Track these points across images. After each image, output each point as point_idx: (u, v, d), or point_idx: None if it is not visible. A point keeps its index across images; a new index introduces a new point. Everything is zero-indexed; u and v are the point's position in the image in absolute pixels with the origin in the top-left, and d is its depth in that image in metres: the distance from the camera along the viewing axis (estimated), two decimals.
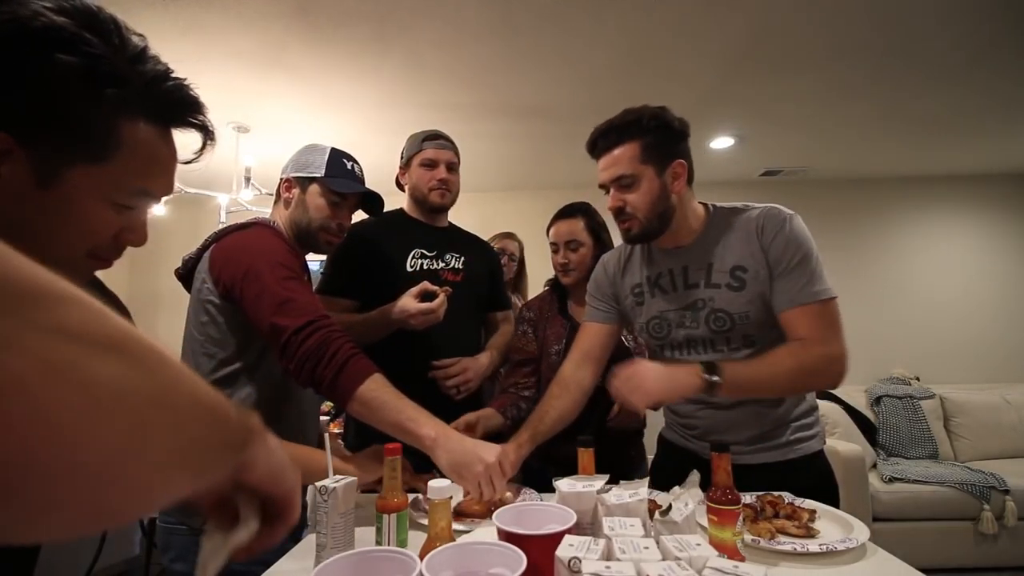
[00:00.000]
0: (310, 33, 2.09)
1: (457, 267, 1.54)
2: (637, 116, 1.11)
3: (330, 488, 0.84)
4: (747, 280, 1.10)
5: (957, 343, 4.00)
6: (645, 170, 1.11)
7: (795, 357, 1.04)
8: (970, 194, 4.13)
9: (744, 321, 1.11)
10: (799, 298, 1.06)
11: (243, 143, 3.03)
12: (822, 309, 1.05)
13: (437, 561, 0.68)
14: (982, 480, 2.81)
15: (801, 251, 1.07)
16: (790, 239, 1.07)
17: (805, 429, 1.17)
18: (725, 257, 1.12)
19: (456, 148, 1.57)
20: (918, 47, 2.26)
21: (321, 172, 1.21)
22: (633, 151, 1.10)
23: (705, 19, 2.04)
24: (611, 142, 1.13)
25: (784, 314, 1.07)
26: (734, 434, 1.16)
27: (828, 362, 1.05)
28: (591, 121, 1.18)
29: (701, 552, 0.66)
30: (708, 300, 1.13)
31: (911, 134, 3.29)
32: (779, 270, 1.07)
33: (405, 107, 2.78)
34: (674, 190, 1.12)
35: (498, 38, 2.15)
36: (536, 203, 4.36)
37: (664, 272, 1.20)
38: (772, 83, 2.57)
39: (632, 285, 1.27)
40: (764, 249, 1.09)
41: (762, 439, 1.16)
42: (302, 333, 0.98)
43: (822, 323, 1.05)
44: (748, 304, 1.10)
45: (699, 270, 1.15)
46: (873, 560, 0.85)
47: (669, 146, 1.12)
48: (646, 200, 1.11)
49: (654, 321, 1.22)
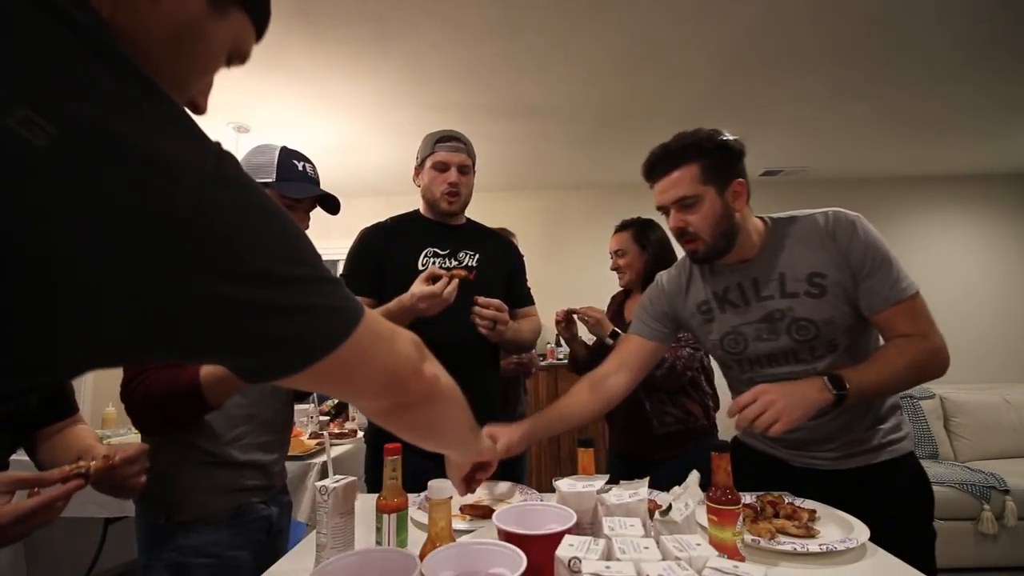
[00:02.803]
0: (310, 33, 2.09)
1: (471, 265, 1.53)
2: (695, 139, 1.12)
3: (330, 488, 0.84)
4: (827, 286, 1.08)
5: (957, 343, 3.95)
6: (707, 191, 1.11)
7: (906, 355, 1.04)
8: (970, 194, 4.14)
9: (829, 327, 1.09)
10: (892, 296, 1.05)
11: (243, 143, 3.03)
12: (914, 304, 1.06)
13: (437, 561, 0.68)
14: (982, 480, 2.81)
15: (881, 250, 1.07)
16: (868, 240, 1.07)
17: (894, 432, 1.16)
18: (797, 266, 1.11)
19: (470, 149, 1.54)
20: (918, 47, 2.26)
21: (272, 177, 1.16)
22: (693, 173, 1.11)
23: (705, 19, 2.04)
24: (669, 165, 1.13)
25: (880, 315, 1.07)
26: (829, 443, 1.14)
27: (934, 354, 1.06)
28: (591, 121, 1.19)
29: (701, 552, 0.66)
30: (787, 310, 1.11)
31: (911, 134, 3.29)
32: (865, 271, 1.06)
33: (405, 107, 2.78)
34: (736, 208, 1.13)
35: (498, 38, 2.15)
36: (536, 203, 4.37)
37: (732, 286, 1.18)
38: (772, 83, 2.57)
39: (698, 303, 1.25)
40: (842, 254, 1.07)
41: (854, 444, 1.14)
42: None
43: (919, 318, 1.06)
44: (832, 309, 1.08)
45: (770, 281, 1.14)
46: (873, 560, 0.85)
47: (728, 166, 1.13)
48: (708, 220, 1.11)
49: (729, 337, 1.19)
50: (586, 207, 4.31)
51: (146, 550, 1.10)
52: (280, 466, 1.27)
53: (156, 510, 1.09)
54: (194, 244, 0.32)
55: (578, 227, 4.28)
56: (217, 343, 0.37)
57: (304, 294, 0.40)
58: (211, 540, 1.09)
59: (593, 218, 4.15)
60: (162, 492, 1.08)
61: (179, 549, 1.07)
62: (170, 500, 1.08)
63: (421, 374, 0.55)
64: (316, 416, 2.68)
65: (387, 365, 0.50)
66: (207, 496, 1.10)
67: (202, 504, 1.10)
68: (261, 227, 0.37)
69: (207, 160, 0.34)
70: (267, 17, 0.50)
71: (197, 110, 0.49)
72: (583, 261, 4.13)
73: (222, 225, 0.34)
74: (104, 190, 0.29)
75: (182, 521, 1.08)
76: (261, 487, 1.19)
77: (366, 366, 0.48)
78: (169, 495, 1.09)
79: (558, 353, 3.81)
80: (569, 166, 3.81)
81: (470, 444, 0.83)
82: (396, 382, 0.52)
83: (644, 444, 1.71)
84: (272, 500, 1.23)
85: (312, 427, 2.57)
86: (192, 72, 0.46)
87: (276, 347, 0.40)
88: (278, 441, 1.26)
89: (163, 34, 0.41)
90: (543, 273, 2.92)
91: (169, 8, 0.40)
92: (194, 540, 1.08)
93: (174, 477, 1.09)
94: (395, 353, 0.51)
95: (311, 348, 0.41)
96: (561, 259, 4.21)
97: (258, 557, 1.14)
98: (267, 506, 1.20)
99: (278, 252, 0.38)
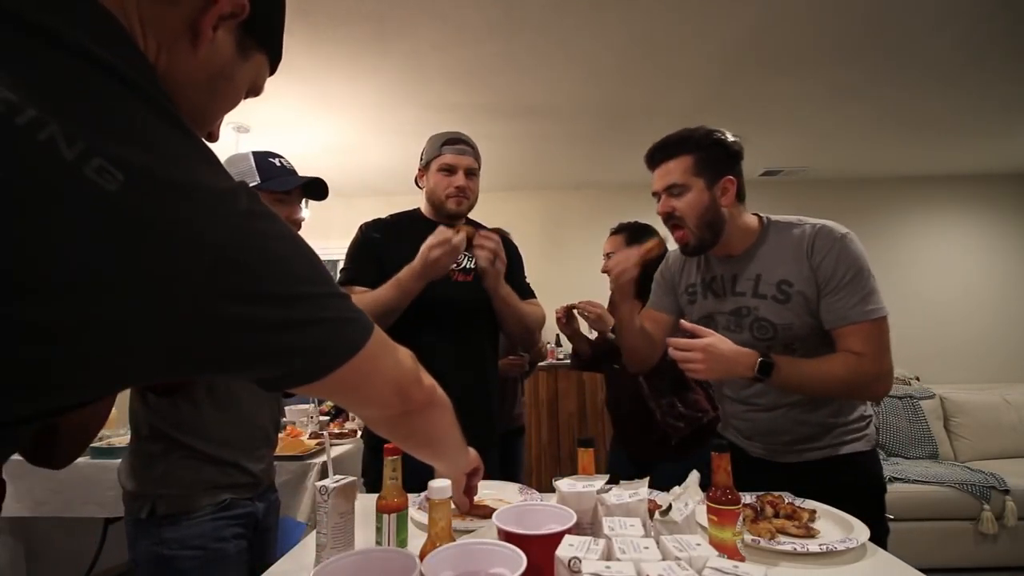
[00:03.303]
0: (310, 33, 2.09)
1: (468, 267, 1.53)
2: (692, 133, 1.21)
3: (330, 488, 0.84)
4: (792, 294, 1.15)
5: (957, 343, 4.00)
6: (695, 181, 1.19)
7: (848, 370, 1.09)
8: (970, 194, 4.14)
9: (787, 331, 1.16)
10: (852, 316, 1.10)
11: (243, 143, 3.03)
12: (875, 328, 1.10)
13: (437, 561, 0.68)
14: (982, 480, 2.81)
15: (852, 269, 1.10)
16: (841, 258, 1.11)
17: (852, 433, 1.21)
18: (773, 270, 1.18)
19: (477, 151, 1.54)
20: (917, 48, 2.26)
21: (256, 179, 1.20)
22: (686, 164, 1.20)
23: (705, 19, 2.04)
24: (667, 154, 1.22)
25: (838, 330, 1.12)
26: (774, 437, 1.23)
27: (876, 379, 1.11)
28: (591, 121, 1.20)
29: (701, 552, 0.66)
30: (753, 308, 1.20)
31: (911, 134, 3.29)
32: (830, 287, 1.12)
33: (405, 107, 2.78)
34: (723, 203, 1.20)
35: (498, 38, 2.15)
36: (536, 203, 4.37)
37: (717, 276, 1.28)
38: (772, 83, 2.58)
39: (687, 284, 1.36)
40: (813, 268, 1.13)
41: (804, 441, 1.20)
42: None
43: (875, 341, 1.10)
44: (793, 316, 1.15)
45: (748, 280, 1.22)
46: (873, 560, 0.85)
47: (721, 162, 1.20)
48: (694, 209, 1.19)
49: (703, 320, 1.28)
50: (586, 207, 4.31)
51: (132, 545, 1.12)
52: (267, 464, 1.27)
53: (139, 505, 1.11)
54: (230, 272, 0.37)
55: (578, 227, 4.28)
56: (252, 357, 0.42)
57: (327, 309, 0.46)
58: (195, 533, 1.10)
59: (593, 218, 4.15)
60: (145, 486, 1.10)
61: (164, 542, 1.09)
62: (153, 494, 1.10)
63: (422, 383, 0.62)
64: (316, 416, 2.68)
65: (394, 374, 0.56)
66: (190, 491, 1.11)
67: (185, 499, 1.11)
68: (289, 252, 0.43)
69: (240, 198, 0.39)
70: (280, 55, 0.57)
71: (212, 139, 0.55)
72: (583, 261, 4.13)
73: (254, 254, 0.39)
74: (161, 227, 0.34)
75: (165, 515, 1.10)
76: (246, 484, 1.19)
77: (377, 375, 0.53)
78: (152, 489, 1.10)
79: (558, 353, 3.81)
80: (569, 166, 3.81)
81: (461, 454, 0.85)
82: (402, 390, 0.58)
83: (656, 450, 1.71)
84: (259, 497, 1.23)
85: (312, 427, 2.57)
86: (219, 109, 0.53)
87: (302, 357, 0.45)
88: (265, 440, 1.27)
89: (200, 79, 0.48)
90: (543, 273, 2.91)
91: (206, 56, 0.47)
92: (177, 533, 1.09)
93: (157, 472, 1.10)
94: (399, 363, 0.58)
95: (334, 356, 0.47)
96: (561, 259, 4.21)
97: (243, 552, 1.15)
98: (252, 503, 1.21)
99: (304, 274, 0.44)
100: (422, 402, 0.62)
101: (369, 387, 0.54)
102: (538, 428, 3.59)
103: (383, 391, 0.56)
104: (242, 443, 1.19)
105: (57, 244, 0.30)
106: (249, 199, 0.40)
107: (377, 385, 0.55)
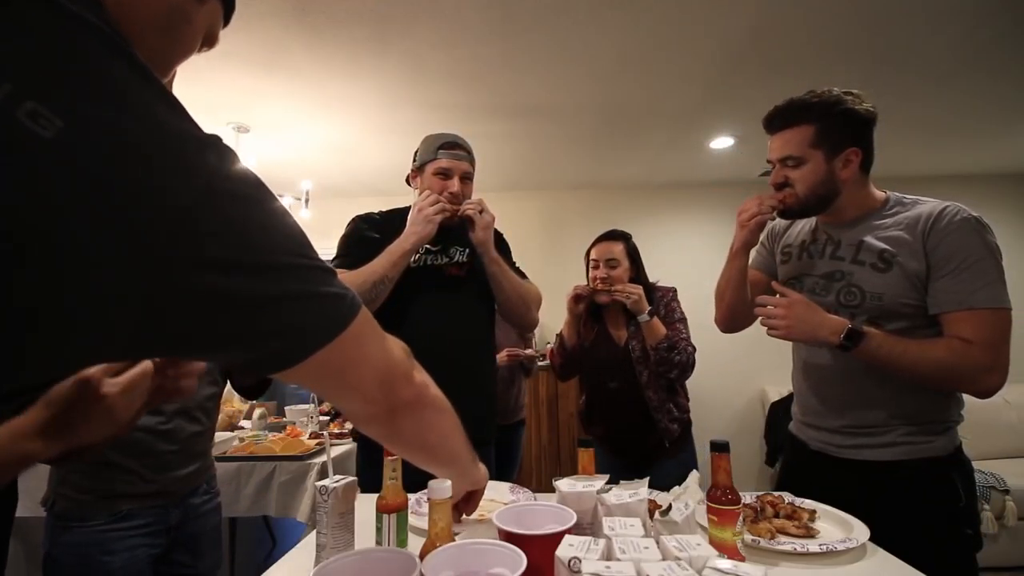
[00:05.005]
0: (310, 33, 2.08)
1: (461, 260, 1.53)
2: (818, 99, 1.12)
3: (330, 488, 0.84)
4: (893, 264, 1.08)
5: None
6: (814, 154, 1.12)
7: (952, 353, 1.01)
8: (970, 194, 4.13)
9: (875, 301, 1.09)
10: (970, 300, 1.01)
11: (243, 143, 3.03)
12: (994, 317, 1.02)
13: (437, 561, 0.68)
14: (982, 480, 2.80)
15: (977, 254, 1.03)
16: (964, 243, 1.04)
17: (927, 433, 1.09)
18: (879, 238, 1.12)
19: (472, 156, 1.54)
20: (916, 49, 2.27)
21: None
22: (805, 134, 1.12)
23: (705, 19, 2.04)
24: (786, 122, 1.15)
25: (950, 315, 1.04)
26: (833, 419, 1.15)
27: (985, 371, 1.02)
28: (592, 121, 1.19)
29: (701, 552, 0.66)
30: (848, 274, 1.14)
31: (910, 135, 3.29)
32: (948, 269, 1.04)
33: (405, 107, 2.78)
34: (841, 176, 1.13)
35: (498, 38, 2.15)
36: (536, 203, 4.37)
37: (821, 241, 1.22)
38: (772, 83, 2.57)
39: (785, 245, 1.32)
40: (927, 246, 1.06)
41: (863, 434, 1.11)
42: None
43: (992, 331, 1.01)
44: (885, 287, 1.08)
45: (850, 245, 1.16)
46: (873, 560, 0.85)
47: (845, 133, 1.11)
48: (808, 182, 1.13)
49: (791, 282, 1.24)
50: (586, 207, 4.31)
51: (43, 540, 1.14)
52: (190, 469, 1.24)
53: (45, 497, 1.13)
54: (197, 237, 0.32)
55: (578, 227, 4.27)
56: (223, 336, 0.37)
57: (308, 282, 0.41)
58: (82, 541, 1.10)
59: (593, 218, 4.14)
60: (51, 480, 1.13)
61: (54, 543, 1.10)
62: (54, 492, 1.12)
63: (411, 379, 0.56)
64: (316, 416, 2.68)
65: (381, 362, 0.51)
66: (86, 496, 1.11)
67: (79, 504, 1.11)
68: (263, 218, 0.37)
69: (208, 153, 0.34)
70: (234, 6, 0.56)
71: None
72: (583, 261, 4.13)
73: (225, 217, 0.34)
74: (108, 183, 0.29)
75: (60, 514, 1.11)
76: (150, 493, 1.17)
77: (363, 360, 0.48)
78: (54, 486, 1.12)
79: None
80: (569, 166, 3.81)
81: (466, 465, 0.79)
82: (389, 382, 0.52)
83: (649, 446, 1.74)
84: (174, 505, 1.21)
85: (312, 427, 2.57)
86: (176, 56, 0.50)
87: (279, 336, 0.39)
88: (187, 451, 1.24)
89: (157, 19, 0.44)
90: (543, 273, 2.91)
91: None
92: (68, 537, 1.10)
93: (60, 471, 1.12)
94: (388, 351, 0.52)
95: (316, 334, 0.41)
96: (561, 259, 4.21)
97: (139, 562, 1.14)
98: (166, 510, 1.19)
99: (280, 243, 0.39)
100: (409, 399, 0.55)
101: (353, 373, 0.48)
102: (538, 428, 3.58)
103: (366, 380, 0.50)
104: (143, 450, 1.16)
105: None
106: (219, 156, 0.35)
107: (362, 372, 0.49)
